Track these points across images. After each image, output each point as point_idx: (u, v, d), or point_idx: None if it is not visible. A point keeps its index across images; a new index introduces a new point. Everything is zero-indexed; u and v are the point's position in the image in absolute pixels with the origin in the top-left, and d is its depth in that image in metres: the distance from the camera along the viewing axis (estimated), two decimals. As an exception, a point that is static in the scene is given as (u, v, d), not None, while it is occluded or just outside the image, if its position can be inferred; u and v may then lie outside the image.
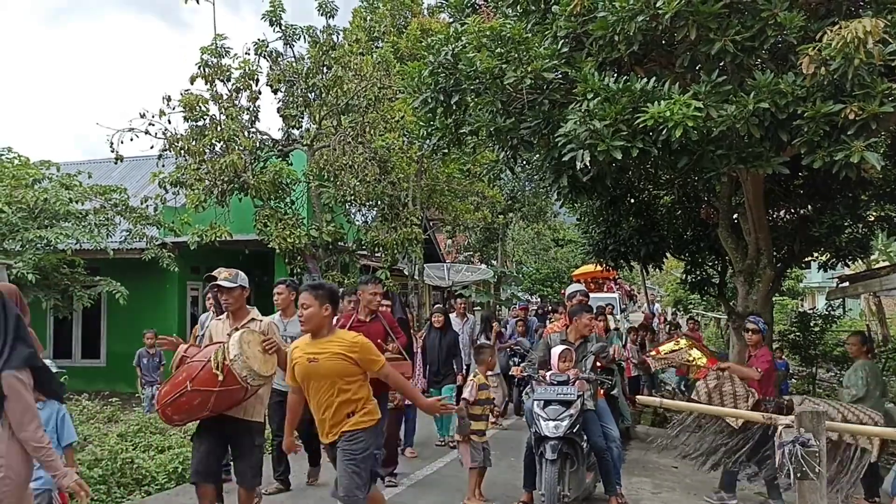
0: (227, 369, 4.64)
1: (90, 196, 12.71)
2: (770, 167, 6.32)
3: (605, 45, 6.60)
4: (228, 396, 4.76)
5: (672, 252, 12.80)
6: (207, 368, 4.69)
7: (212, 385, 4.67)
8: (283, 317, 6.68)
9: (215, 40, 12.54)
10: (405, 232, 13.54)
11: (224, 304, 5.40)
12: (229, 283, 5.22)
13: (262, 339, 4.91)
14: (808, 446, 2.40)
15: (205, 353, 4.87)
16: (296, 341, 4.90)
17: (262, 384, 4.94)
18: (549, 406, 6.02)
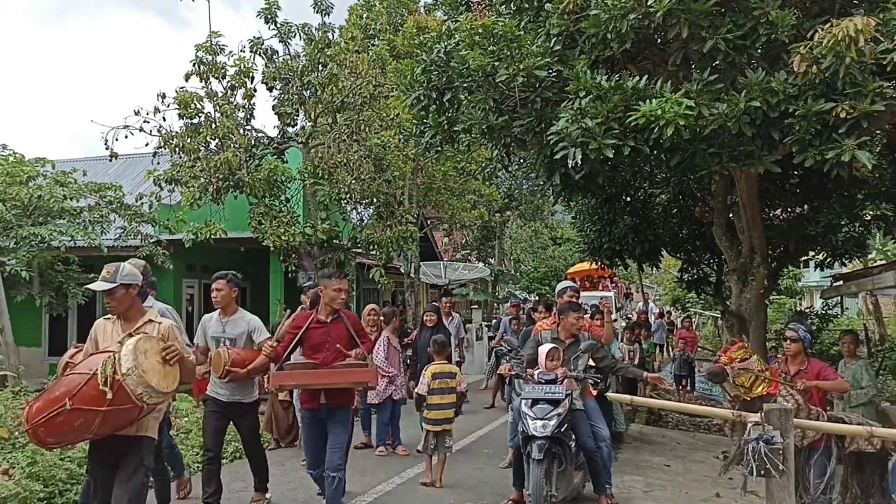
0: (119, 385, 3.82)
1: (85, 193, 12.70)
2: (762, 166, 6.31)
3: (597, 42, 6.60)
4: (118, 417, 3.95)
5: (668, 250, 12.80)
6: (93, 384, 3.84)
7: (98, 404, 3.83)
8: (223, 316, 5.97)
9: (210, 38, 12.50)
10: (400, 230, 13.51)
11: (109, 308, 4.37)
12: (106, 283, 4.23)
13: (162, 346, 4.09)
14: (772, 444, 2.41)
15: (89, 364, 3.98)
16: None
17: (163, 401, 4.16)
18: (537, 405, 5.90)
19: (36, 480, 6.21)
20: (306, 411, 5.71)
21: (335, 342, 5.51)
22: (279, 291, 14.80)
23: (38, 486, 6.11)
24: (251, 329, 5.94)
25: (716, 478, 7.80)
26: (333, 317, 5.66)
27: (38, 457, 6.51)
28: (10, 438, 7.29)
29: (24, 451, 6.77)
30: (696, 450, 9.59)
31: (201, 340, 6.06)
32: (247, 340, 5.92)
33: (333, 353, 5.48)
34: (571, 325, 6.41)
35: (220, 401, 5.95)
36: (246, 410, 6.03)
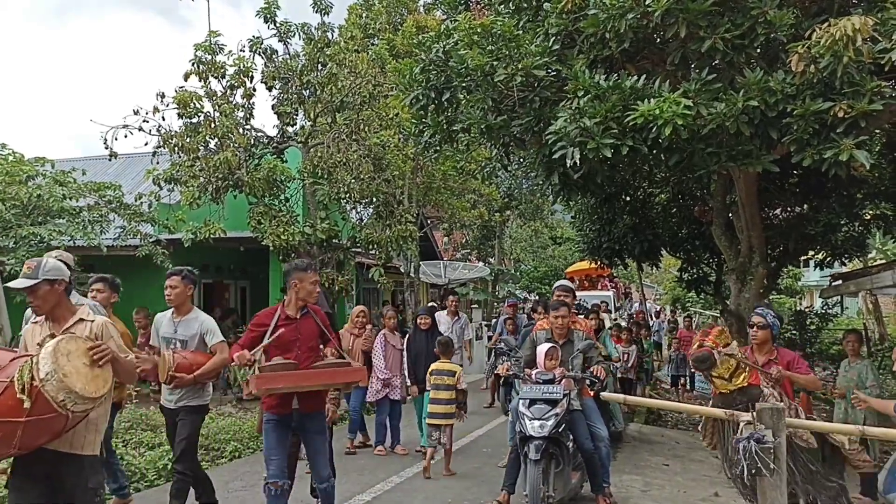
0: (37, 392, 3.47)
1: (84, 193, 12.69)
2: (760, 165, 6.31)
3: (596, 42, 6.60)
4: (41, 428, 3.56)
5: (667, 250, 12.80)
6: (10, 392, 3.48)
7: (16, 414, 3.45)
8: (176, 315, 5.62)
9: (209, 37, 12.51)
10: (400, 229, 13.50)
11: (32, 308, 4.00)
12: (27, 280, 3.84)
13: (89, 346, 3.68)
14: (763, 443, 2.42)
15: (7, 371, 3.59)
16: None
17: (92, 408, 3.70)
18: (535, 405, 5.87)
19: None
20: (273, 416, 5.05)
21: (306, 340, 5.11)
22: (279, 291, 14.79)
23: None
24: (204, 331, 5.55)
25: (714, 477, 7.81)
26: (303, 312, 5.16)
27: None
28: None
29: None
30: (695, 449, 9.58)
31: (154, 341, 5.76)
32: (199, 343, 5.55)
33: (305, 352, 5.06)
34: (558, 324, 6.36)
35: (168, 408, 5.61)
36: (188, 414, 5.53)
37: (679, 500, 6.93)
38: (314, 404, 5.13)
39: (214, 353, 5.53)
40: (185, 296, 5.60)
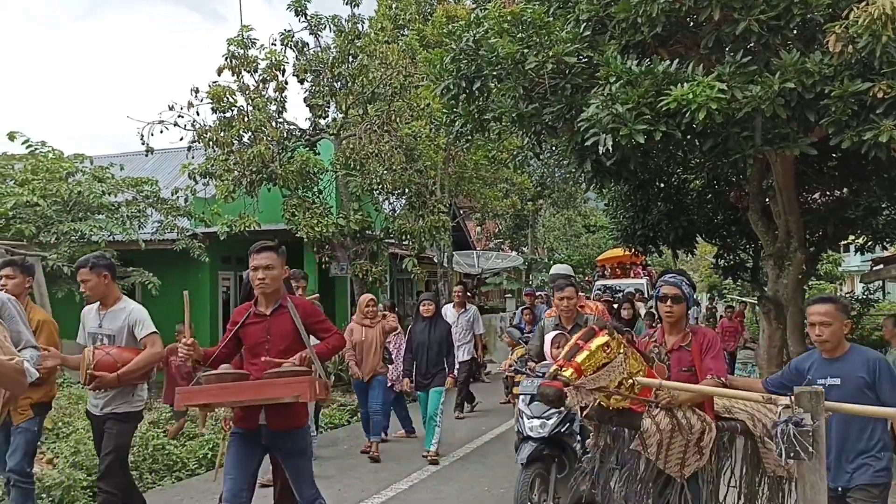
0: None
1: (122, 188, 12.92)
2: (797, 148, 6.20)
3: (627, 27, 6.53)
4: None
5: (703, 236, 12.65)
6: None
7: None
8: (102, 308, 4.93)
9: (242, 32, 12.64)
10: (432, 220, 13.55)
11: None
12: None
13: None
14: (801, 426, 2.41)
15: None
16: None
17: None
18: (535, 402, 5.16)
19: (79, 469, 6.40)
20: (238, 429, 4.31)
21: (278, 342, 4.27)
22: (313, 283, 14.92)
23: (82, 474, 6.30)
24: (132, 322, 4.82)
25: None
26: (274, 307, 4.37)
27: (80, 447, 6.69)
28: (55, 429, 7.49)
29: (68, 441, 6.95)
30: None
31: (81, 338, 5.03)
32: (128, 337, 4.83)
33: (276, 356, 4.24)
34: (557, 309, 5.91)
35: (95, 415, 4.90)
36: (115, 423, 4.80)
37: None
38: (287, 420, 4.20)
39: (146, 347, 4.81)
40: (103, 286, 4.85)
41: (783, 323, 9.27)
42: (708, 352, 4.16)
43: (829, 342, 3.99)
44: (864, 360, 3.94)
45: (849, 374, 3.91)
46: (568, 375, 3.42)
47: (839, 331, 4.01)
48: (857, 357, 3.99)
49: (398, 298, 20.28)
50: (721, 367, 4.17)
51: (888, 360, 4.12)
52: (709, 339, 4.26)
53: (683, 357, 4.25)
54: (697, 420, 3.90)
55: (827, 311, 4.00)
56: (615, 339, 3.62)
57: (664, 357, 4.27)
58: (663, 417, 3.84)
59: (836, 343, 4.00)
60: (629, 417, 3.89)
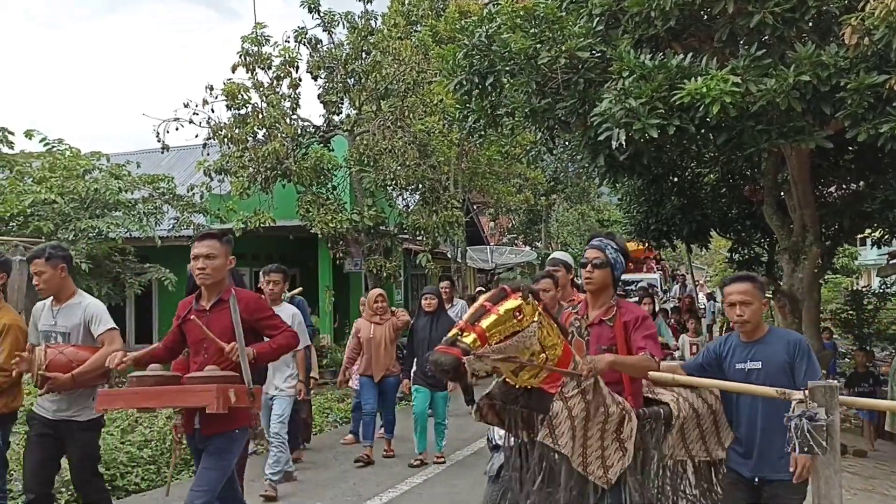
0: None
1: (139, 185, 13.00)
2: (813, 142, 6.18)
3: (641, 21, 6.52)
4: None
5: (717, 230, 12.61)
6: None
7: None
8: (55, 303, 4.47)
9: (256, 29, 12.70)
10: (446, 215, 13.57)
11: None
12: None
13: None
14: (815, 421, 2.40)
15: None
16: None
17: None
18: None
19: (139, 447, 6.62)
20: (186, 435, 4.08)
21: (216, 340, 3.83)
22: (328, 278, 15.00)
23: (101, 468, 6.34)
24: (89, 318, 4.37)
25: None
26: (214, 302, 3.97)
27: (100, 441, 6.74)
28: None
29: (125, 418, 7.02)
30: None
31: (33, 337, 4.55)
32: (84, 334, 4.37)
33: (213, 355, 3.88)
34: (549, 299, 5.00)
35: (46, 419, 4.38)
36: (78, 432, 4.36)
37: None
38: (217, 425, 3.86)
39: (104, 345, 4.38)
40: (58, 279, 4.39)
41: (798, 317, 9.22)
42: (638, 329, 3.62)
43: (750, 322, 3.70)
44: (784, 343, 3.70)
45: (770, 358, 3.65)
46: (469, 342, 2.90)
47: (759, 311, 3.75)
48: (777, 339, 3.75)
49: (412, 294, 20.32)
50: (656, 347, 3.63)
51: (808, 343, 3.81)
52: (638, 316, 3.71)
53: (604, 333, 3.72)
54: (616, 406, 3.37)
55: (746, 290, 3.72)
56: (530, 304, 3.09)
57: (584, 331, 3.77)
58: (578, 402, 3.25)
59: (756, 324, 3.74)
60: (539, 399, 3.33)
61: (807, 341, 3.79)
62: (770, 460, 3.58)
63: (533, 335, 3.05)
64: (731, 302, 3.74)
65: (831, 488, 2.59)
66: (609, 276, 3.77)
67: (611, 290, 3.80)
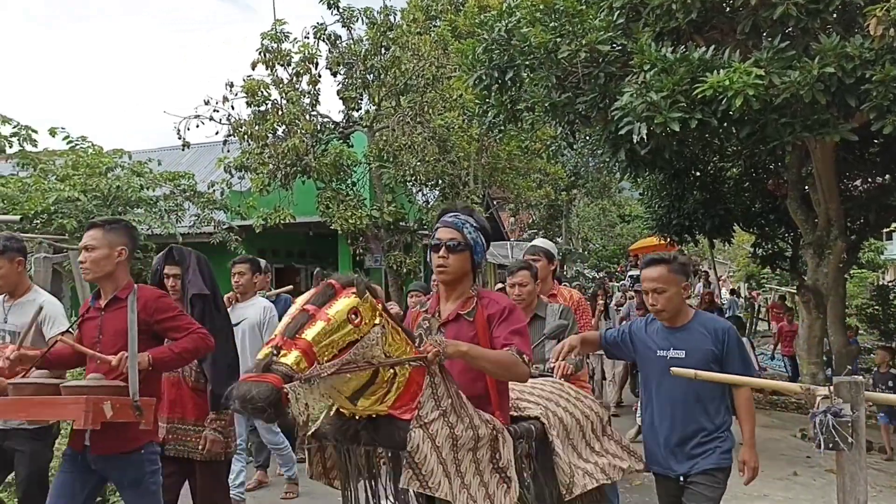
0: None
1: (160, 183, 13.10)
2: (838, 134, 6.09)
3: (662, 14, 6.46)
4: None
5: (740, 225, 12.50)
6: None
7: None
8: (8, 299, 4.03)
9: (275, 25, 12.74)
10: (466, 211, 13.55)
11: None
12: None
13: None
14: (840, 417, 2.37)
15: None
16: None
17: None
18: None
19: None
20: (67, 449, 3.47)
21: (110, 342, 3.34)
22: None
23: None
24: (42, 318, 3.88)
25: (793, 456, 7.64)
26: (109, 300, 3.45)
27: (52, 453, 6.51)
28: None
29: None
30: (773, 427, 9.36)
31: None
32: (35, 335, 3.82)
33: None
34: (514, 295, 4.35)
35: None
36: (26, 443, 3.94)
37: (756, 479, 6.77)
38: (112, 442, 3.26)
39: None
40: (16, 274, 3.98)
41: (823, 312, 9.12)
42: (504, 322, 2.86)
43: (666, 311, 3.38)
44: (711, 330, 3.38)
45: (695, 346, 3.34)
46: (290, 363, 2.15)
47: (675, 297, 3.37)
48: (703, 326, 3.41)
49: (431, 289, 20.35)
50: (525, 343, 2.84)
51: (737, 332, 3.49)
52: (504, 307, 2.93)
53: (462, 331, 2.91)
54: (486, 426, 2.67)
55: (659, 276, 3.36)
56: (367, 302, 2.41)
57: (436, 332, 2.96)
58: (441, 426, 2.51)
59: (675, 311, 3.40)
60: (389, 431, 2.52)
61: (735, 329, 3.47)
62: (692, 452, 3.36)
63: (375, 344, 2.34)
64: (644, 290, 3.44)
65: (856, 484, 2.55)
66: (468, 260, 2.98)
67: (470, 279, 3.03)
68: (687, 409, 3.37)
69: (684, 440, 3.37)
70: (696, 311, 3.52)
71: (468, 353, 2.68)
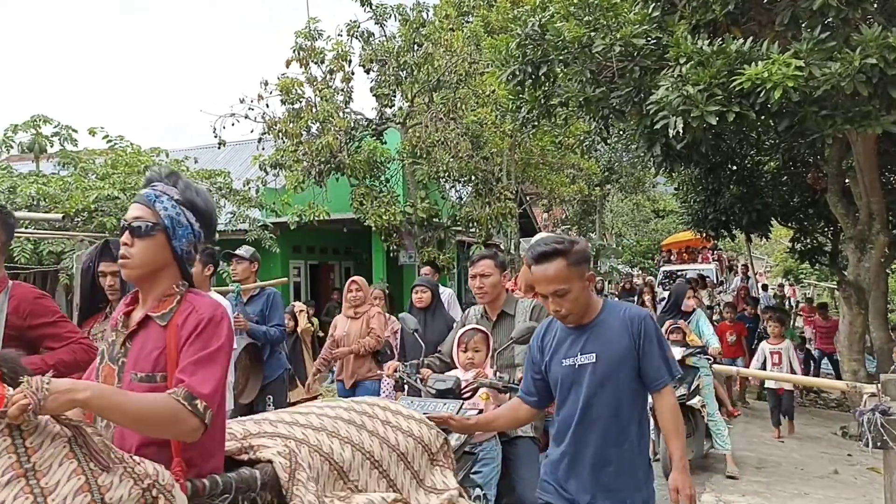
0: None
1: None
2: (880, 127, 5.97)
3: (698, 6, 6.40)
4: None
5: (778, 220, 12.31)
6: None
7: None
8: None
9: (309, 24, 12.84)
10: (499, 207, 13.53)
11: None
12: None
13: None
14: (889, 415, 2.31)
15: None
16: None
17: None
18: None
19: None
20: None
21: None
22: (381, 271, 15.11)
23: None
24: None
25: (834, 454, 7.53)
26: None
27: None
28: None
29: None
30: (813, 425, 9.24)
31: None
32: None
33: None
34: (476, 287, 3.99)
35: None
36: None
37: (796, 477, 6.70)
38: None
39: None
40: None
41: (865, 308, 8.95)
42: (193, 342, 2.03)
43: (573, 314, 2.72)
44: (623, 323, 2.72)
45: (607, 346, 2.70)
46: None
47: (583, 293, 2.71)
48: (613, 319, 2.75)
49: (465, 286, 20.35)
50: (210, 379, 1.97)
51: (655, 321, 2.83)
52: (203, 318, 2.08)
53: (150, 340, 2.10)
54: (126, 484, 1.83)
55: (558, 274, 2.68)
56: None
57: (118, 351, 2.13)
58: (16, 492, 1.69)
59: (584, 309, 2.74)
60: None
61: (652, 318, 2.80)
62: (607, 480, 2.71)
63: None
64: (541, 294, 2.80)
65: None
66: (160, 248, 2.14)
67: (171, 272, 2.18)
68: (606, 428, 2.70)
69: (600, 466, 2.71)
70: (604, 300, 2.85)
71: (89, 403, 1.81)
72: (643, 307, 9.72)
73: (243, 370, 5.37)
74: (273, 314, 5.59)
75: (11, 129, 13.16)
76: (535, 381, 2.89)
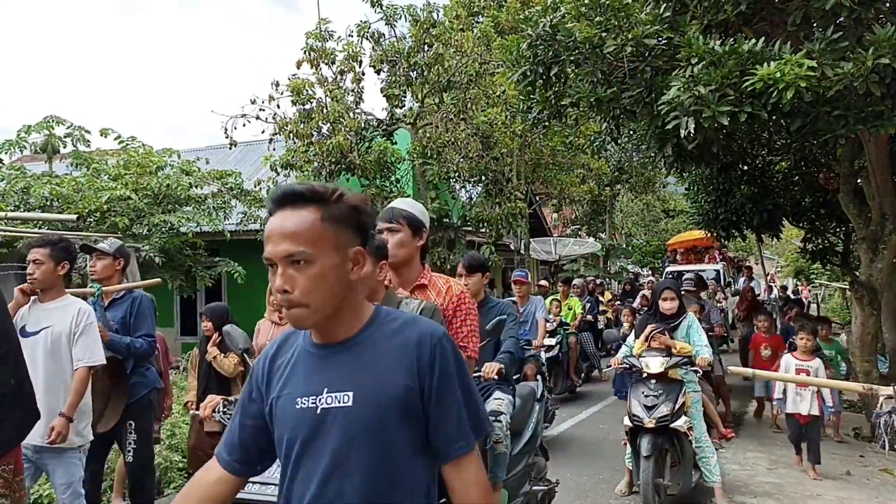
0: None
1: (208, 181, 13.33)
2: (893, 127, 5.94)
3: (710, 6, 6.38)
4: None
5: (789, 220, 12.27)
6: None
7: None
8: None
9: (319, 24, 12.88)
10: (509, 207, 13.55)
11: None
12: None
13: None
14: (905, 417, 2.32)
15: None
16: None
17: None
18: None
19: (175, 451, 6.65)
20: None
21: None
22: (392, 270, 15.13)
23: (178, 456, 6.56)
24: None
25: (846, 455, 7.50)
26: None
27: (176, 430, 6.98)
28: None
29: (164, 424, 7.23)
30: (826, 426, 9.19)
31: None
32: None
33: None
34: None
35: None
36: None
37: (807, 478, 6.68)
38: None
39: None
40: None
41: (877, 309, 8.91)
42: None
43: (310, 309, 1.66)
44: (404, 345, 1.71)
45: (371, 381, 1.67)
46: None
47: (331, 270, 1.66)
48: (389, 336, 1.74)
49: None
50: None
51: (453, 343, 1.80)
52: None
53: None
54: None
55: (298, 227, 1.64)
56: None
57: None
58: None
59: (330, 302, 1.68)
60: None
61: (450, 341, 1.75)
62: None
63: None
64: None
65: (919, 486, 2.50)
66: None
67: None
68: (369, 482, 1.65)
69: None
70: (376, 307, 1.81)
71: None
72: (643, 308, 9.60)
73: (101, 392, 4.43)
74: (139, 323, 4.76)
75: (25, 130, 13.25)
76: (242, 429, 1.80)
